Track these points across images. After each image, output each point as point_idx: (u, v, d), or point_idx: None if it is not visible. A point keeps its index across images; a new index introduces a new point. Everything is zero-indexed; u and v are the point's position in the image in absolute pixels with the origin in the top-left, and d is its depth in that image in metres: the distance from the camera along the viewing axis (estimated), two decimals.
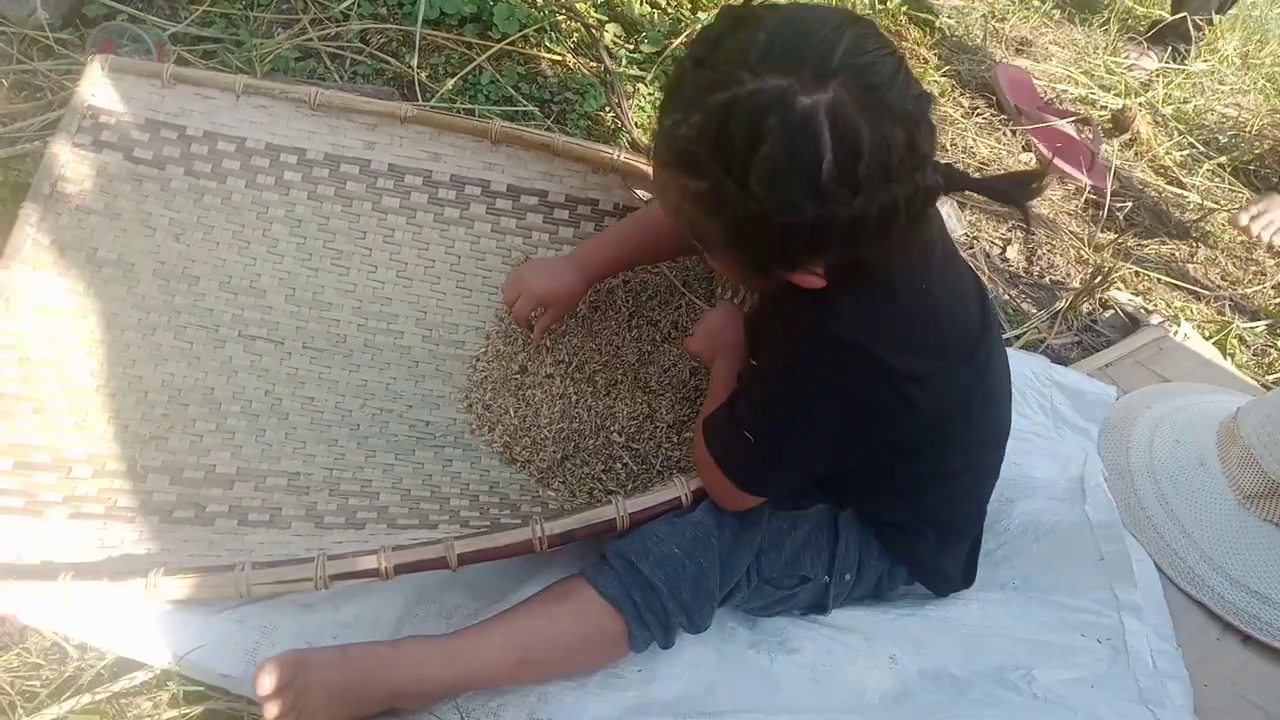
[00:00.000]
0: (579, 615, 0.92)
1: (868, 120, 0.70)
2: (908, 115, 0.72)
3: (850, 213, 0.72)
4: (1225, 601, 1.16)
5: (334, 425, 1.15)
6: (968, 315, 0.92)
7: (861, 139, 0.70)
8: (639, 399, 1.20)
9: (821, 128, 0.69)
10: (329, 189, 1.27)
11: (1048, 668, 1.02)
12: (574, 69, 1.71)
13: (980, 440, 1.02)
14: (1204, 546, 1.19)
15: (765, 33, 0.71)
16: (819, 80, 0.69)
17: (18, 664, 0.89)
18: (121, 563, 0.93)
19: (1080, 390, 1.40)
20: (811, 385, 0.88)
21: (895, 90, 0.72)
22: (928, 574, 1.06)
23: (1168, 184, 1.92)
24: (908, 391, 0.86)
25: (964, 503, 1.05)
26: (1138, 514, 1.22)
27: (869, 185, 0.71)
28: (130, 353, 1.12)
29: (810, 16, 0.73)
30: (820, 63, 0.70)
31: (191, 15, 1.55)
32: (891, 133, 0.71)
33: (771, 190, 0.71)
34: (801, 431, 0.90)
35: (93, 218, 1.16)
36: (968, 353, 0.92)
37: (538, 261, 1.25)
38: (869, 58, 0.71)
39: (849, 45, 0.71)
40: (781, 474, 0.94)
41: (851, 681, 1.00)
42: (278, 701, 0.82)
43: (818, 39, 0.71)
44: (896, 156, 0.71)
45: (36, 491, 0.98)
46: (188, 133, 1.23)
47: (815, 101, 0.69)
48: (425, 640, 0.92)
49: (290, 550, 0.98)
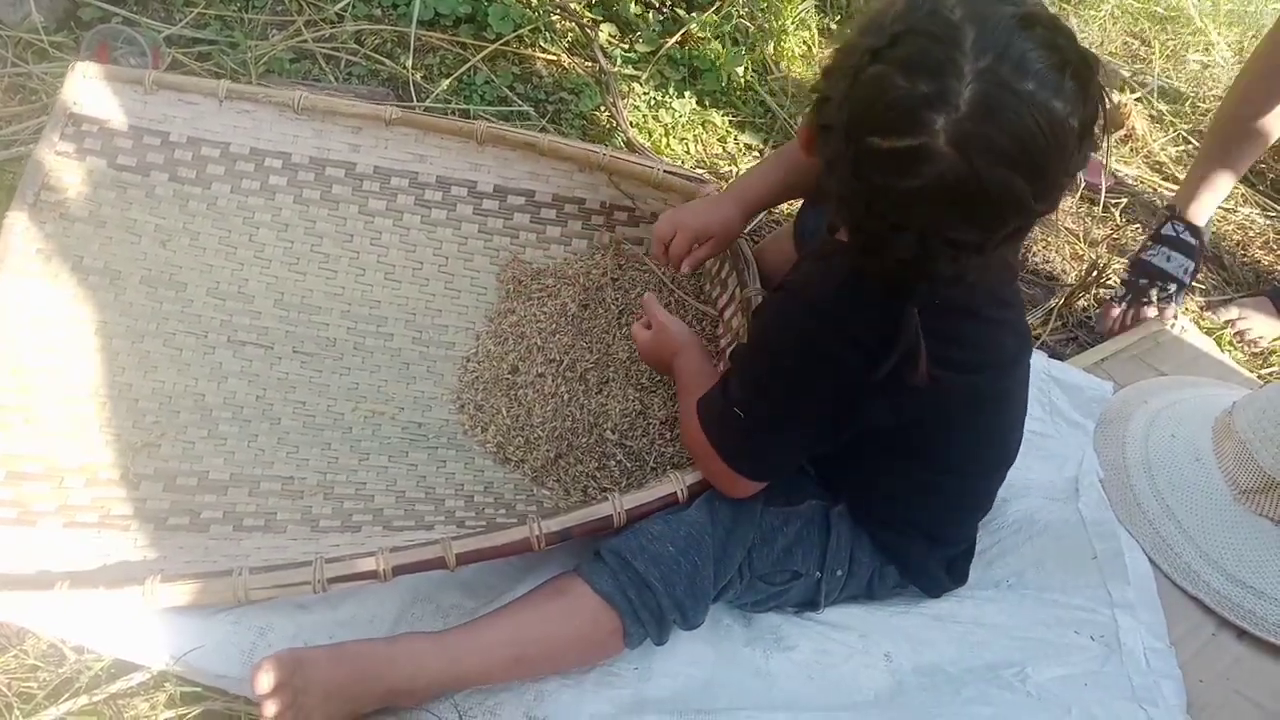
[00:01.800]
0: (574, 612, 0.92)
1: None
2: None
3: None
4: (1220, 596, 1.16)
5: (326, 429, 1.15)
6: (997, 340, 0.93)
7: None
8: (631, 396, 1.20)
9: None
10: (315, 192, 1.27)
11: (1041, 665, 1.02)
12: (569, 69, 1.70)
13: (983, 460, 1.03)
14: (1199, 541, 1.18)
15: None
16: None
17: (15, 666, 0.89)
18: (118, 570, 0.94)
19: (1078, 386, 1.40)
20: (778, 353, 0.90)
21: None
22: (918, 575, 1.06)
23: (1163, 180, 1.92)
24: (879, 363, 0.85)
25: (956, 518, 1.06)
26: (1133, 509, 1.22)
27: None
28: (120, 360, 1.12)
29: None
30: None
31: (186, 17, 1.55)
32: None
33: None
34: (774, 396, 0.91)
35: (78, 225, 1.17)
36: (981, 368, 0.92)
37: (690, 202, 1.22)
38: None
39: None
40: (771, 449, 0.94)
41: (847, 679, 1.00)
42: (276, 699, 0.82)
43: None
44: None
45: (29, 501, 0.98)
46: (171, 138, 1.23)
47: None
48: (421, 637, 0.93)
49: (287, 554, 0.98)
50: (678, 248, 1.11)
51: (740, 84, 1.78)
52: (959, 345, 0.88)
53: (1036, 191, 0.71)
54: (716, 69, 1.75)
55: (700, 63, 1.77)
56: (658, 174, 1.26)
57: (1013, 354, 0.97)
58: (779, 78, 1.85)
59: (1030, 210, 0.73)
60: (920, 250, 0.74)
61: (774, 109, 1.78)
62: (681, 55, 1.77)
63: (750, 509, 0.97)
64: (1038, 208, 0.73)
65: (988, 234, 0.74)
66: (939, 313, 0.84)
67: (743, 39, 1.83)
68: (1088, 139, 0.73)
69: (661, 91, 1.71)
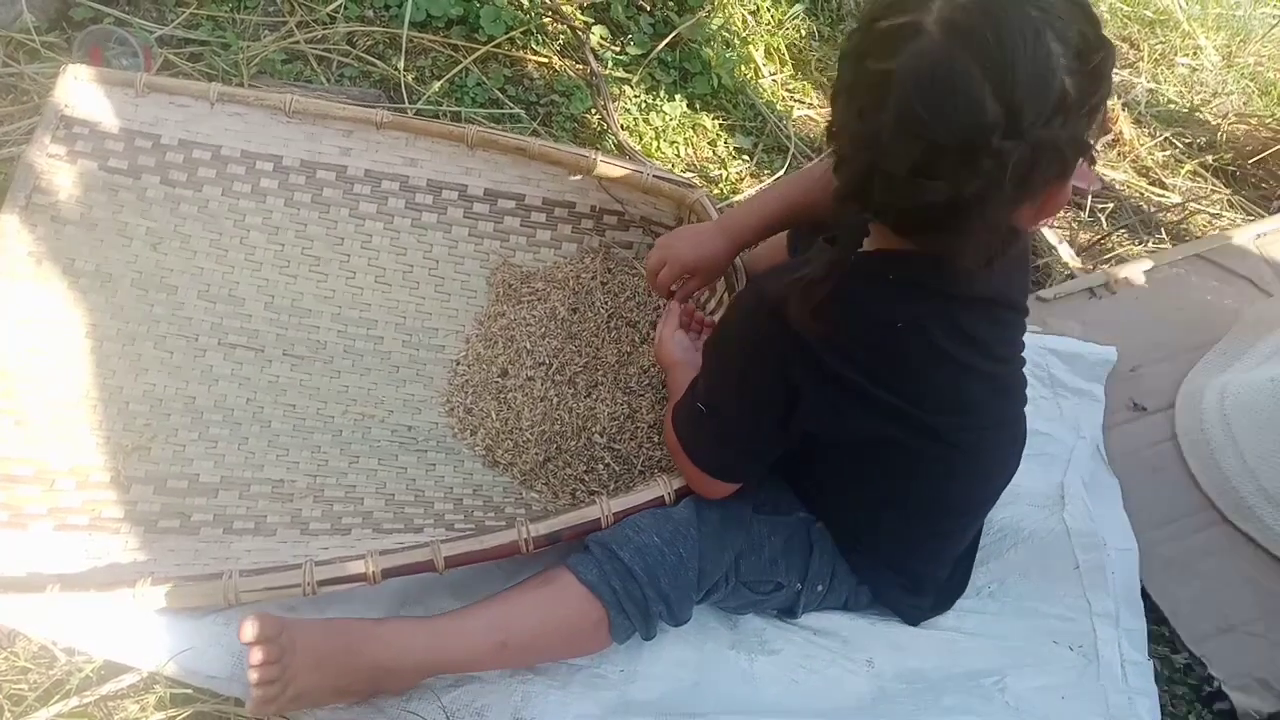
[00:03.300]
0: (560, 601, 0.93)
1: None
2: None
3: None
4: (1272, 533, 1.13)
5: (316, 432, 1.16)
6: (976, 396, 0.92)
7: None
8: (619, 400, 1.21)
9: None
10: (306, 196, 1.27)
11: (1021, 675, 1.03)
12: (560, 71, 1.71)
13: (954, 506, 1.03)
14: (1260, 476, 1.15)
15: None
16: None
17: (6, 668, 0.90)
18: (108, 573, 0.95)
19: (1078, 354, 1.38)
20: (726, 345, 0.92)
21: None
22: (892, 604, 1.08)
23: (1149, 184, 1.93)
24: (825, 369, 0.85)
25: (927, 556, 1.06)
26: (1195, 433, 1.19)
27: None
28: (111, 363, 1.13)
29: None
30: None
31: (178, 18, 1.55)
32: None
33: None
34: (726, 387, 0.93)
35: (70, 228, 1.17)
36: (960, 424, 0.92)
37: (684, 229, 1.23)
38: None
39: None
40: (732, 445, 0.95)
41: (830, 684, 1.02)
42: (261, 649, 0.82)
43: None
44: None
45: (21, 504, 0.99)
46: (163, 141, 1.23)
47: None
48: (409, 620, 0.95)
49: (277, 557, 0.99)
50: (665, 278, 1.14)
51: (731, 87, 1.79)
52: (912, 379, 0.88)
53: (1004, 123, 0.68)
54: (707, 72, 1.76)
55: (691, 66, 1.77)
56: (647, 179, 1.27)
57: (997, 415, 0.97)
58: (769, 78, 1.86)
59: (992, 148, 0.69)
60: (876, 156, 0.72)
61: (764, 112, 1.79)
62: (672, 58, 1.77)
63: (740, 513, 0.99)
64: (1002, 146, 0.69)
65: (948, 159, 0.70)
66: (923, 354, 0.85)
67: (733, 42, 1.84)
68: (1075, 119, 0.71)
69: (652, 94, 1.72)
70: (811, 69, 1.94)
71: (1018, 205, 0.75)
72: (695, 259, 1.12)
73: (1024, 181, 0.72)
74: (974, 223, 0.74)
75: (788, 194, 1.10)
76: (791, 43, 1.93)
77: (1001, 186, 0.71)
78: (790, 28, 1.93)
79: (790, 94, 1.87)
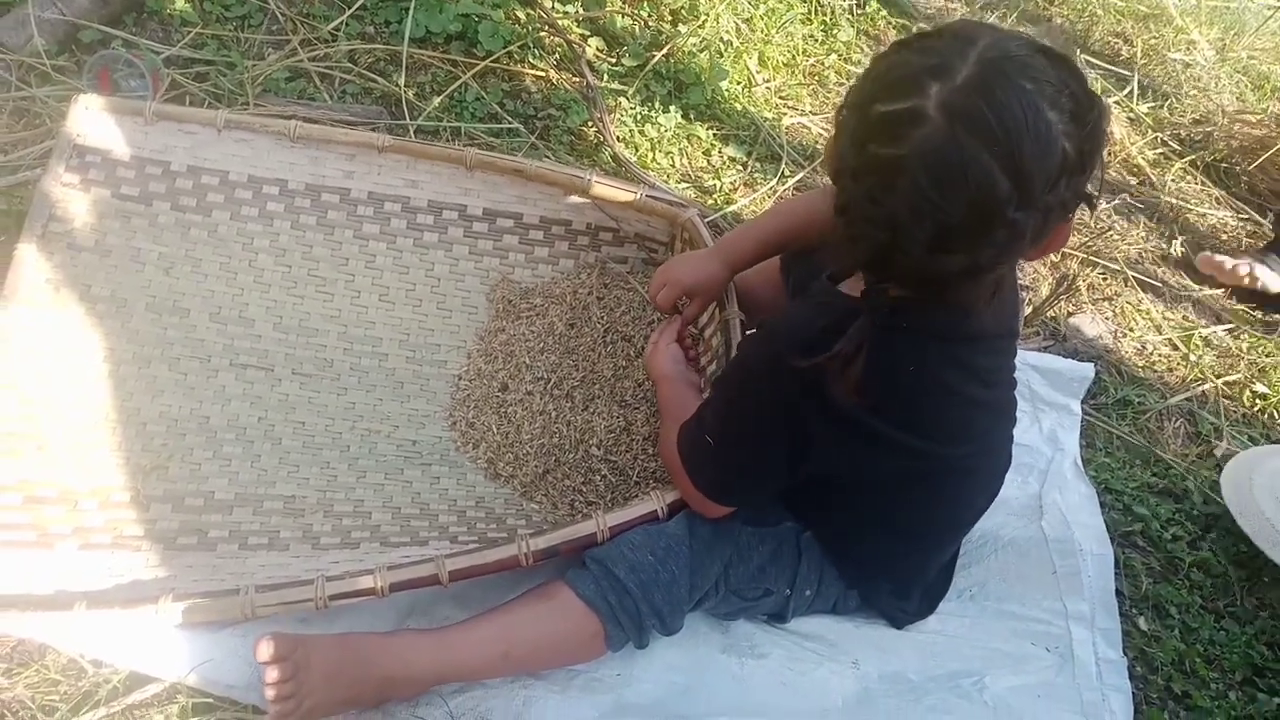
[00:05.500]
0: (559, 615, 0.99)
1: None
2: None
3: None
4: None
5: (325, 448, 1.21)
6: (972, 421, 0.97)
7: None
8: (615, 413, 1.26)
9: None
10: (311, 218, 1.32)
11: (999, 674, 1.08)
12: (557, 85, 1.74)
13: (944, 526, 1.08)
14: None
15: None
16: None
17: (38, 680, 0.95)
18: (131, 590, 0.99)
19: (1056, 370, 1.44)
20: (744, 388, 0.96)
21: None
22: (880, 609, 1.13)
23: (1140, 183, 1.96)
24: (840, 419, 0.89)
25: (914, 566, 1.11)
26: (1254, 511, 1.24)
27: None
28: (128, 386, 1.17)
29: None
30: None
31: (184, 38, 1.59)
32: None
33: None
34: (737, 431, 0.96)
35: (85, 255, 1.21)
36: (952, 442, 0.96)
37: (683, 255, 1.28)
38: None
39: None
40: (737, 479, 1.00)
41: (818, 685, 1.06)
42: (276, 668, 0.88)
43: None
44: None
45: (47, 525, 1.04)
46: (172, 168, 1.27)
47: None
48: (417, 632, 1.00)
49: (290, 572, 1.04)
50: (664, 300, 1.19)
51: (725, 98, 1.82)
52: (928, 419, 0.92)
53: (1016, 197, 0.72)
54: (702, 83, 1.79)
55: (686, 77, 1.80)
56: (640, 199, 1.31)
57: (995, 441, 1.02)
58: (762, 87, 1.88)
59: (1007, 220, 0.72)
60: (892, 236, 0.75)
61: (758, 122, 1.82)
62: (667, 69, 1.80)
63: (729, 526, 1.03)
64: (1016, 217, 0.73)
65: (965, 235, 0.74)
66: (914, 378, 0.88)
67: (727, 53, 1.87)
68: (1078, 177, 0.74)
69: (648, 106, 1.75)
70: (804, 74, 1.97)
71: (1026, 254, 0.81)
72: (694, 282, 1.18)
73: (1036, 238, 0.77)
74: (988, 278, 0.81)
75: (782, 222, 1.16)
76: (784, 49, 1.95)
77: (1016, 249, 0.77)
78: (782, 36, 1.95)
79: (783, 100, 1.90)
